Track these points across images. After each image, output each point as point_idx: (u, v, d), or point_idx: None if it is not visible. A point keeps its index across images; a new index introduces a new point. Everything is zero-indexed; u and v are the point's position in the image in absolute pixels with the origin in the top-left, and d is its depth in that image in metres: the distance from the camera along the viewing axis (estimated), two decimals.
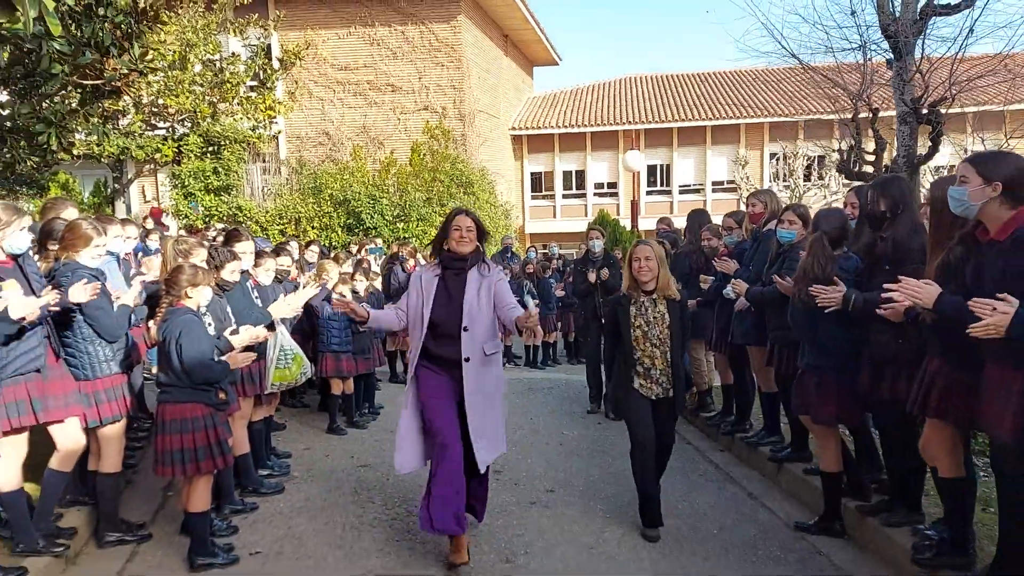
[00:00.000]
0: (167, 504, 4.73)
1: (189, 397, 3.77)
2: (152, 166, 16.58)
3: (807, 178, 19.90)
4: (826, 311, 3.65)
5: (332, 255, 8.54)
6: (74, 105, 7.60)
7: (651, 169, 25.82)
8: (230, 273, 4.52)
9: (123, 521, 4.19)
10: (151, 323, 4.83)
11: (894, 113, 7.74)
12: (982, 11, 7.18)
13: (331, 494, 4.98)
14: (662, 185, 25.75)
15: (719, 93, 25.96)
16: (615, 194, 25.11)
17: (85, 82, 6.13)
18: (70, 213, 4.65)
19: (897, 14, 7.34)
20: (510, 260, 12.16)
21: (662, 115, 25.12)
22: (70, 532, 3.96)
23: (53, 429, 3.83)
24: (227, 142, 16.03)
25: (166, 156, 15.62)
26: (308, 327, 6.50)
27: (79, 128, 8.29)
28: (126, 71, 6.48)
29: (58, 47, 5.81)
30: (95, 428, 4.00)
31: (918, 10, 7.28)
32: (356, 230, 16.31)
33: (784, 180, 20.63)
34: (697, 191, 24.64)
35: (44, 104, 7.00)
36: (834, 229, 3.91)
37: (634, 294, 4.19)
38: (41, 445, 3.89)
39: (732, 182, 22.85)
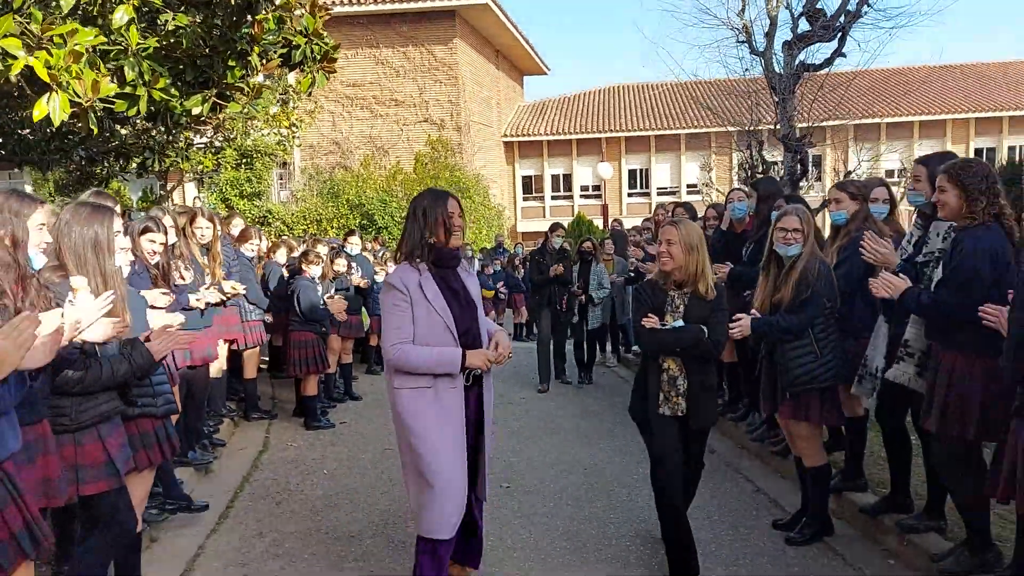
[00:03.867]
0: (277, 406, 7.42)
1: (305, 327, 6.47)
2: (191, 175, 19.25)
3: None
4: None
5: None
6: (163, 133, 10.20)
7: (631, 173, 28.60)
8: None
9: (260, 407, 6.88)
10: None
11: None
12: (828, 71, 9.79)
13: (383, 401, 7.65)
14: (642, 188, 28.53)
15: (693, 102, 28.45)
16: (599, 196, 27.66)
17: (200, 126, 8.73)
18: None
19: (780, 71, 10.04)
20: (501, 254, 14.89)
21: (641, 124, 27.82)
22: (232, 409, 6.66)
23: (221, 348, 6.47)
24: (258, 155, 18.72)
25: (206, 167, 18.27)
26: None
27: (171, 153, 10.95)
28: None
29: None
30: (243, 350, 6.65)
31: (794, 67, 9.97)
32: (370, 229, 19.00)
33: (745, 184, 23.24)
34: (673, 193, 27.16)
35: (150, 134, 9.58)
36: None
37: (667, 287, 3.49)
38: None
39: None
